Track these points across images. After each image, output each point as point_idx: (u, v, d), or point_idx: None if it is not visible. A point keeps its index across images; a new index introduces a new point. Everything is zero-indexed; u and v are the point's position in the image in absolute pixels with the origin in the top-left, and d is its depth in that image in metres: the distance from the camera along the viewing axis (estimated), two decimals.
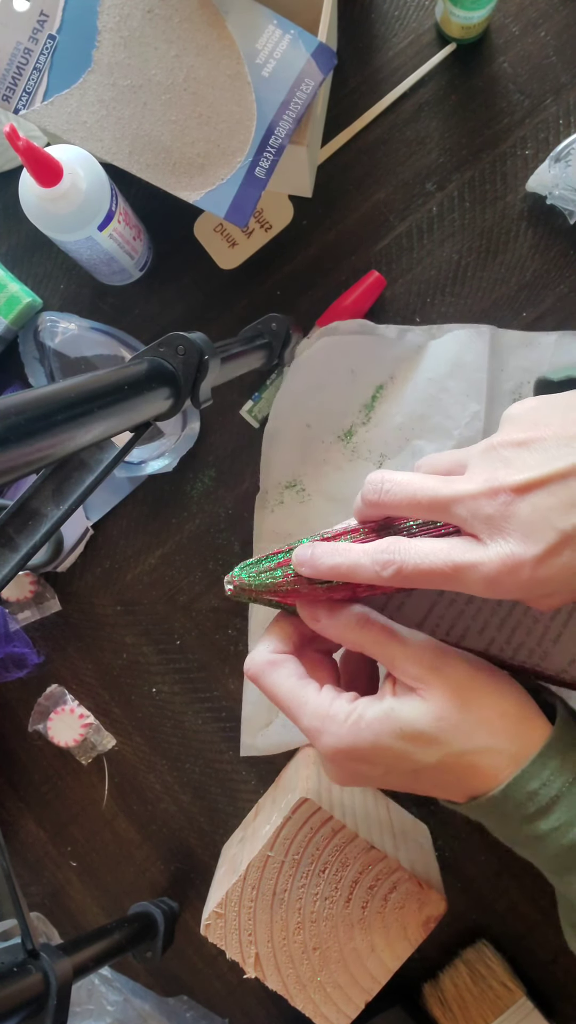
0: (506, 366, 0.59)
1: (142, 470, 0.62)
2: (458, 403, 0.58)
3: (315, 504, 0.61)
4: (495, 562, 0.33)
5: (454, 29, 0.58)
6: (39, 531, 0.38)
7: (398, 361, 0.60)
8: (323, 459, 0.61)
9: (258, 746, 0.62)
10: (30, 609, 0.64)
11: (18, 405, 0.28)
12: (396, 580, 0.36)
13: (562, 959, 0.61)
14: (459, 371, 0.58)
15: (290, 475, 0.61)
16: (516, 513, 0.34)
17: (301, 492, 0.61)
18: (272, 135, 0.50)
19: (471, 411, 0.58)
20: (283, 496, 0.61)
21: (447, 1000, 0.59)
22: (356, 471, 0.60)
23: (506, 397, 0.59)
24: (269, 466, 0.61)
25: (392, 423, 0.60)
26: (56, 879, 0.67)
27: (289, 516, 0.61)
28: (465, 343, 0.58)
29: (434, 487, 0.36)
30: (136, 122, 0.51)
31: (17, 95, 0.51)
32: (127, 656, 0.65)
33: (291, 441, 0.61)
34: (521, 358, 0.59)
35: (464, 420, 0.58)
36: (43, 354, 0.61)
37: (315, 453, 0.61)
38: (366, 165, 0.62)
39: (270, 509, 0.61)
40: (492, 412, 0.58)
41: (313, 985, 0.52)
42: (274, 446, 0.61)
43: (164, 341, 0.40)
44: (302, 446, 0.61)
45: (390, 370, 0.60)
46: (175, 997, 0.65)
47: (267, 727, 0.61)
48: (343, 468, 0.61)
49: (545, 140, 0.60)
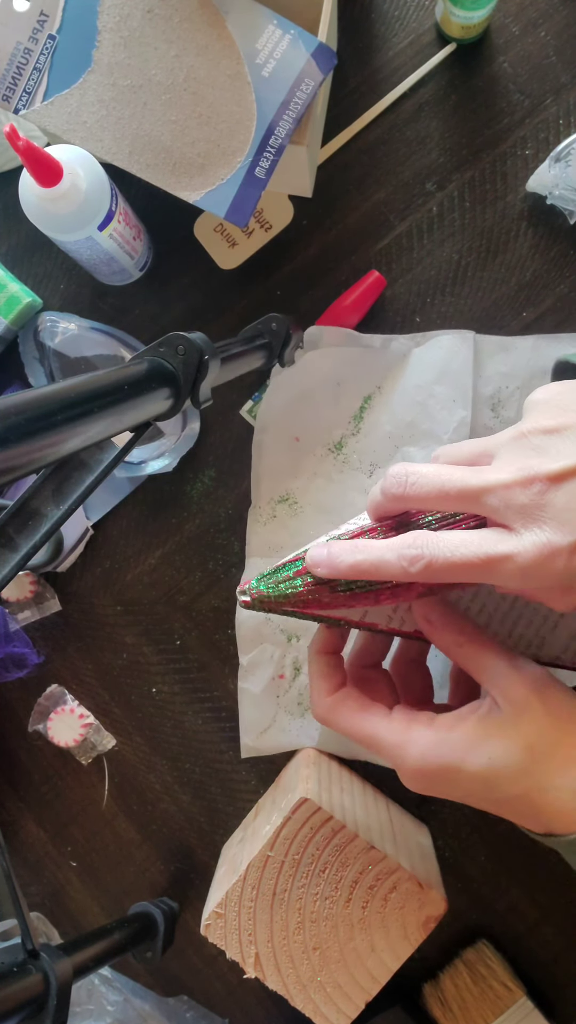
0: (484, 371, 0.59)
1: (142, 470, 0.62)
2: (445, 408, 0.58)
3: (307, 516, 0.61)
4: (531, 552, 0.33)
5: (454, 29, 0.58)
6: (39, 531, 0.38)
7: (384, 370, 0.60)
8: (314, 471, 0.61)
9: (259, 748, 0.62)
10: (30, 609, 0.64)
11: (18, 405, 0.28)
12: (425, 575, 0.35)
13: (562, 959, 0.61)
14: (445, 377, 0.58)
15: (282, 490, 0.61)
16: (551, 502, 0.33)
17: (294, 505, 0.61)
18: (272, 135, 0.50)
19: (458, 417, 0.58)
20: (275, 510, 0.61)
21: (447, 1000, 0.59)
22: (347, 482, 0.60)
23: (484, 403, 0.59)
24: (259, 480, 0.62)
25: (381, 432, 0.60)
26: (56, 879, 0.67)
27: (281, 528, 0.61)
28: (449, 349, 0.58)
29: (463, 477, 0.35)
30: (136, 122, 0.51)
31: (17, 95, 0.51)
32: (127, 656, 0.65)
33: (281, 455, 0.61)
34: (499, 363, 0.59)
35: (452, 425, 0.58)
36: (43, 354, 0.61)
37: (306, 466, 0.61)
38: (366, 165, 0.62)
39: (262, 523, 0.62)
40: (474, 419, 0.59)
41: (313, 985, 0.52)
42: (263, 460, 0.61)
43: (164, 341, 0.40)
44: (292, 459, 0.61)
45: (377, 380, 0.60)
46: (175, 997, 0.65)
47: (267, 730, 0.61)
48: (334, 479, 0.61)
49: (545, 140, 0.60)
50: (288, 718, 0.61)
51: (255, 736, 0.62)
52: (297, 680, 0.61)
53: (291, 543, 0.61)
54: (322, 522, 0.60)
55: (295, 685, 0.61)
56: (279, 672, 0.61)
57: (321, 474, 0.61)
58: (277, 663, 0.61)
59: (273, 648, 0.61)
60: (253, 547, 0.62)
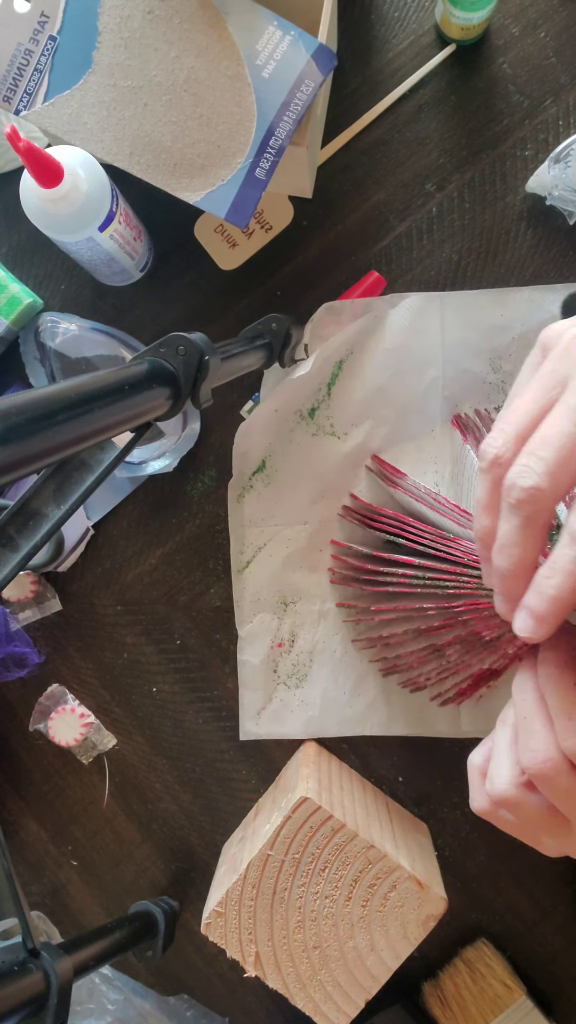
0: (479, 326, 0.59)
1: (142, 470, 0.62)
2: (416, 371, 0.59)
3: (282, 478, 0.62)
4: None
5: (454, 30, 0.59)
6: (40, 531, 0.38)
7: (358, 335, 0.60)
8: (288, 439, 0.62)
9: (259, 731, 0.62)
10: (31, 609, 0.65)
11: (19, 405, 0.29)
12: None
13: (562, 958, 0.61)
14: (414, 338, 0.59)
15: (258, 460, 0.62)
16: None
17: (271, 473, 0.62)
18: (272, 136, 0.50)
19: (429, 377, 0.59)
20: (252, 481, 0.62)
21: (447, 999, 0.59)
22: (320, 447, 0.61)
23: (482, 358, 0.59)
24: (246, 456, 0.62)
25: (353, 397, 0.60)
26: (57, 878, 0.67)
27: (259, 499, 0.62)
28: (418, 310, 0.59)
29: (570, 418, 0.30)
30: (137, 123, 0.51)
31: (18, 96, 0.51)
32: (128, 656, 0.65)
33: (261, 428, 0.61)
34: (494, 316, 0.59)
35: (423, 387, 0.59)
36: (44, 354, 0.61)
37: (282, 434, 0.62)
38: (366, 166, 0.62)
39: (237, 497, 0.62)
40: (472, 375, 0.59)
41: (313, 984, 0.52)
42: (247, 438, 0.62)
43: (164, 341, 0.40)
44: (271, 430, 0.62)
45: (350, 344, 0.60)
46: (175, 996, 0.65)
47: (266, 707, 0.62)
48: (306, 446, 0.61)
49: (545, 141, 0.60)
50: (287, 691, 0.62)
51: (254, 716, 0.62)
52: (295, 647, 0.62)
53: (276, 509, 0.62)
54: (296, 482, 0.61)
55: (292, 653, 0.62)
56: (277, 640, 0.62)
57: (294, 441, 0.62)
58: (275, 631, 0.62)
59: (271, 617, 0.62)
60: (238, 522, 0.63)
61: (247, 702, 0.63)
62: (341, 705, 0.61)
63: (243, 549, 0.62)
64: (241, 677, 0.63)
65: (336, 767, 0.59)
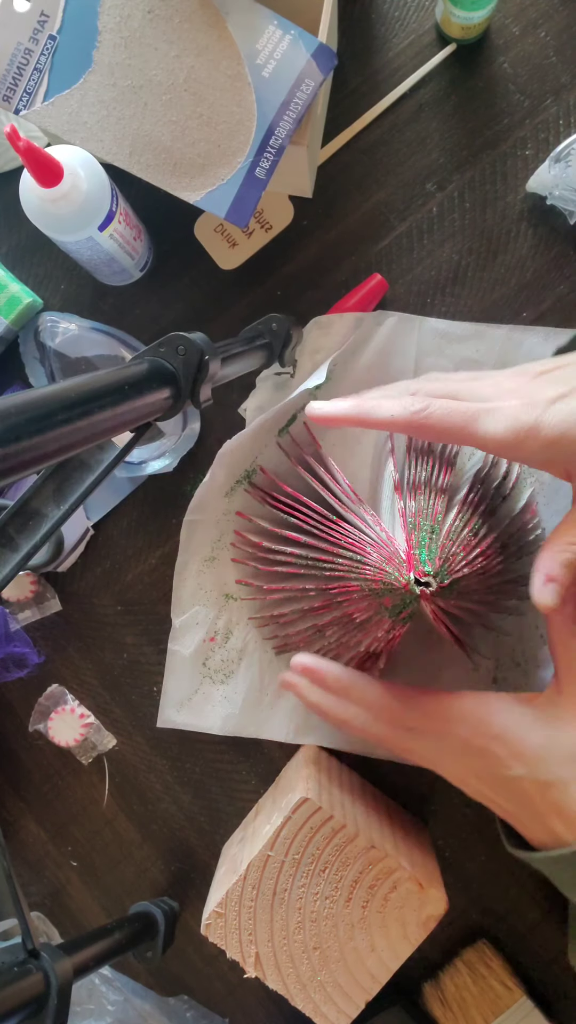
0: (453, 356, 0.60)
1: (142, 470, 0.62)
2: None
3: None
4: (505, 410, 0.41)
5: (454, 30, 0.58)
6: (40, 531, 0.38)
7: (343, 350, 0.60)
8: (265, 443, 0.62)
9: (178, 721, 0.62)
10: (31, 609, 0.65)
11: (18, 405, 0.29)
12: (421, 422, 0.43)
13: (562, 959, 0.61)
14: (390, 359, 0.60)
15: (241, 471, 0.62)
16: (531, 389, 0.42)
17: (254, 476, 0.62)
18: (272, 136, 0.50)
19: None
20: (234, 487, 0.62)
21: (447, 1000, 0.59)
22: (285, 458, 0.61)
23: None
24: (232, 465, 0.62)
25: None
26: (56, 879, 0.67)
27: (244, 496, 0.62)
28: (397, 332, 0.60)
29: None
30: (136, 122, 0.51)
31: (18, 95, 0.51)
32: (128, 656, 0.65)
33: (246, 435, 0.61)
34: (470, 349, 0.60)
35: None
36: (43, 354, 0.61)
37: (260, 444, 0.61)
38: (366, 165, 0.62)
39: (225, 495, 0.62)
40: None
41: (313, 984, 0.52)
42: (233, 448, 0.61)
43: (164, 341, 0.40)
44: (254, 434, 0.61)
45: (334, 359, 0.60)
46: (175, 997, 0.65)
47: (190, 699, 0.62)
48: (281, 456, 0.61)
49: (545, 140, 0.60)
50: (212, 686, 0.62)
51: (176, 705, 0.62)
52: (228, 644, 0.62)
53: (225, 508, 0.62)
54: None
55: (224, 649, 0.62)
56: (210, 634, 0.62)
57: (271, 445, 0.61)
58: (210, 625, 0.62)
59: (207, 610, 0.62)
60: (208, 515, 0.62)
61: (170, 689, 0.63)
62: (262, 707, 0.61)
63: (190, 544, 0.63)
64: (168, 664, 0.63)
65: (336, 767, 0.59)
